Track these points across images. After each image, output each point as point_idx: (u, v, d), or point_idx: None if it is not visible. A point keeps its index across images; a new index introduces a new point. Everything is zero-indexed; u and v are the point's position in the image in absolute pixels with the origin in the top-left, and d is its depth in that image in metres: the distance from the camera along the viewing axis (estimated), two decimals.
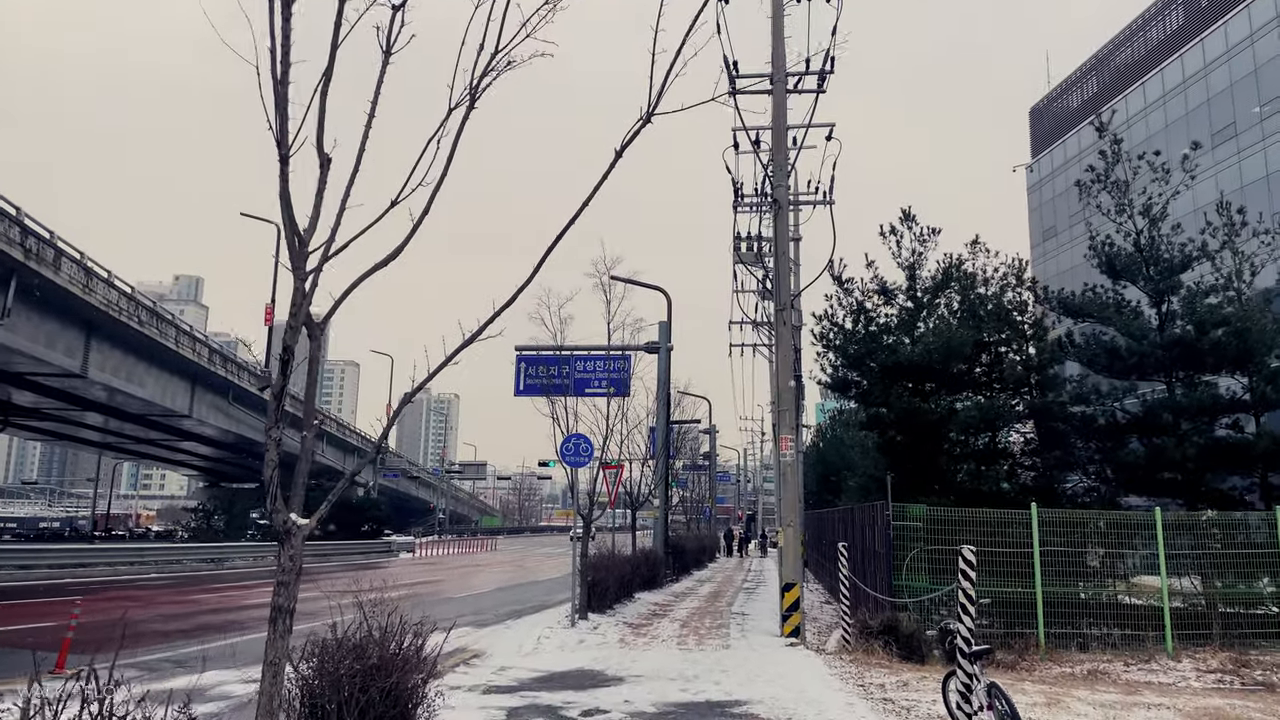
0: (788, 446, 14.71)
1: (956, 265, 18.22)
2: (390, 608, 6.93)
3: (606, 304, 16.18)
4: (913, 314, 18.44)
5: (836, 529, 23.22)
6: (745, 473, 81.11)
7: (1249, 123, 38.35)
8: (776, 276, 15.48)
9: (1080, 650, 14.41)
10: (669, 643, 13.75)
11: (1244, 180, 37.58)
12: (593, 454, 15.47)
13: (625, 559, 19.07)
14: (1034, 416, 17.07)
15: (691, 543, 32.76)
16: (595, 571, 16.54)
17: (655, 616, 17.32)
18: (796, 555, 14.50)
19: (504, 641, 14.14)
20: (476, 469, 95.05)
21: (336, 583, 26.07)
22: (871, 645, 11.77)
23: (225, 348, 47.65)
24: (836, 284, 18.46)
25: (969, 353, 16.24)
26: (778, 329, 15.25)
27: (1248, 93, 38.68)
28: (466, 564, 40.37)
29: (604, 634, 14.44)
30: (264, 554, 35.63)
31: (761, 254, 25.98)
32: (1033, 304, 17.75)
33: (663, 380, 25.66)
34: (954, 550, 14.71)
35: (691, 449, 50.76)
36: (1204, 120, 40.62)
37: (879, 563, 14.56)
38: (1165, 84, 44.01)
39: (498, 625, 16.43)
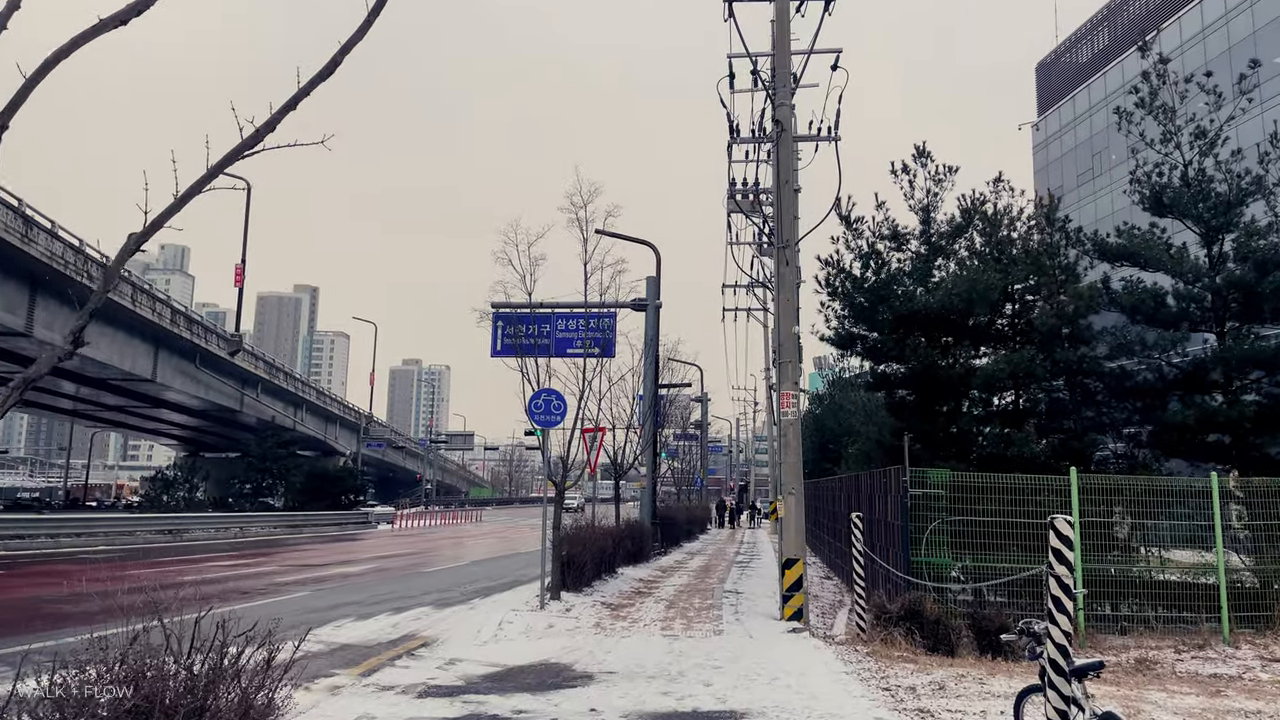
0: (789, 403, 12.77)
1: (978, 205, 16.21)
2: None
3: (583, 242, 14.17)
4: (927, 260, 16.45)
5: (837, 499, 21.37)
6: (737, 443, 79.43)
7: (1274, 72, 36.25)
8: (779, 210, 13.45)
9: (1120, 634, 12.63)
10: (652, 628, 11.88)
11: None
12: (566, 412, 13.54)
13: (606, 531, 17.20)
14: (1065, 373, 15.15)
15: (681, 514, 30.96)
16: (570, 546, 14.65)
17: (639, 595, 15.46)
18: (799, 528, 12.62)
19: (463, 626, 12.26)
20: (464, 439, 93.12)
21: (300, 556, 24.38)
22: (891, 634, 9.90)
23: (209, 318, 45.57)
24: (844, 224, 16.45)
25: (995, 299, 14.28)
26: (779, 271, 13.26)
27: (1272, 40, 36.55)
28: (446, 536, 38.58)
29: (577, 617, 12.56)
30: (227, 525, 33.77)
31: (759, 201, 23.92)
32: (1063, 248, 15.76)
33: (651, 339, 23.69)
34: (981, 522, 12.92)
35: (682, 417, 48.93)
36: (1224, 69, 38.46)
37: (893, 536, 12.69)
38: (1183, 33, 41.80)
39: (461, 605, 14.56)
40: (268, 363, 50.66)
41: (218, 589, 16.23)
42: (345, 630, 11.88)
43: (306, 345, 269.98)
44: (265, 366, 49.70)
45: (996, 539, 12.33)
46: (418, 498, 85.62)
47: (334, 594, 16.01)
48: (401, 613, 13.64)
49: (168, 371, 39.45)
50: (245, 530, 33.85)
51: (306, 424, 58.85)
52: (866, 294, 15.79)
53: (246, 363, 46.10)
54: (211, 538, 30.69)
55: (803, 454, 32.28)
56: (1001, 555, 12.42)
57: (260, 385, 49.19)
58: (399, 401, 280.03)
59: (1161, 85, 15.52)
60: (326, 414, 64.01)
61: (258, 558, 23.76)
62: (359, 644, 10.88)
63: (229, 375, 45.62)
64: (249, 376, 47.57)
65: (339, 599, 15.31)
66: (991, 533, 12.30)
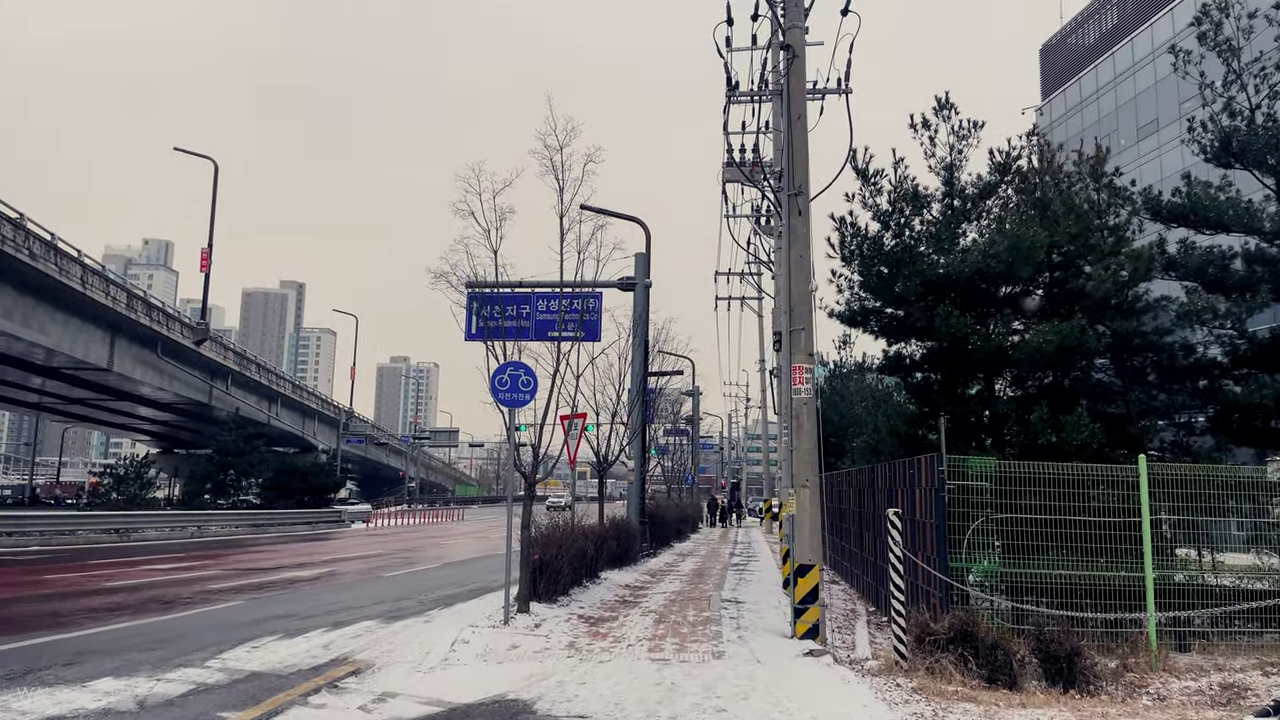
0: (802, 378, 10.69)
1: (1012, 159, 14.16)
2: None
3: (559, 191, 12.03)
4: (953, 223, 14.37)
5: (844, 495, 19.32)
6: (729, 440, 77.40)
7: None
8: (789, 152, 11.36)
9: (1180, 650, 10.59)
10: (637, 649, 9.78)
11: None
12: (536, 389, 11.40)
13: (587, 531, 15.09)
14: (1113, 349, 13.12)
15: (672, 512, 28.88)
16: (543, 549, 12.53)
17: (623, 606, 13.35)
18: (815, 528, 10.54)
19: (409, 646, 10.14)
20: (449, 436, 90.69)
21: (252, 558, 22.17)
22: (938, 661, 7.83)
23: (194, 314, 43.15)
24: (860, 179, 14.35)
25: (1041, 259, 12.21)
26: (789, 223, 11.17)
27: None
28: (423, 535, 36.38)
29: (548, 635, 10.44)
30: (184, 524, 31.46)
31: (760, 169, 21.82)
32: (1112, 208, 13.72)
33: (640, 319, 21.58)
34: (1034, 520, 10.88)
35: (672, 411, 46.84)
36: None
37: (926, 537, 10.63)
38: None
39: (415, 618, 12.43)
40: (238, 353, 48.33)
41: (135, 598, 14.05)
42: (262, 652, 9.73)
43: (293, 342, 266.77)
44: (235, 357, 47.38)
45: (1047, 539, 10.31)
46: (402, 496, 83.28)
47: (271, 604, 13.85)
48: (341, 628, 11.50)
49: (126, 361, 37.10)
50: (204, 529, 31.58)
51: (282, 419, 56.53)
52: (886, 260, 13.70)
53: (214, 353, 43.77)
54: (165, 538, 28.42)
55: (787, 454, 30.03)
56: (1047, 559, 10.40)
57: (230, 377, 46.86)
58: (386, 399, 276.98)
59: (1224, 18, 13.49)
60: (304, 409, 61.69)
61: (204, 560, 21.54)
62: (273, 671, 8.75)
63: (196, 366, 43.30)
64: (218, 368, 45.24)
65: (274, 610, 13.15)
66: (1043, 533, 10.27)
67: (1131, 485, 10.42)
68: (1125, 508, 10.43)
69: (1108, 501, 10.54)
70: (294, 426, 59.70)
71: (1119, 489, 10.59)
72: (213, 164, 42.87)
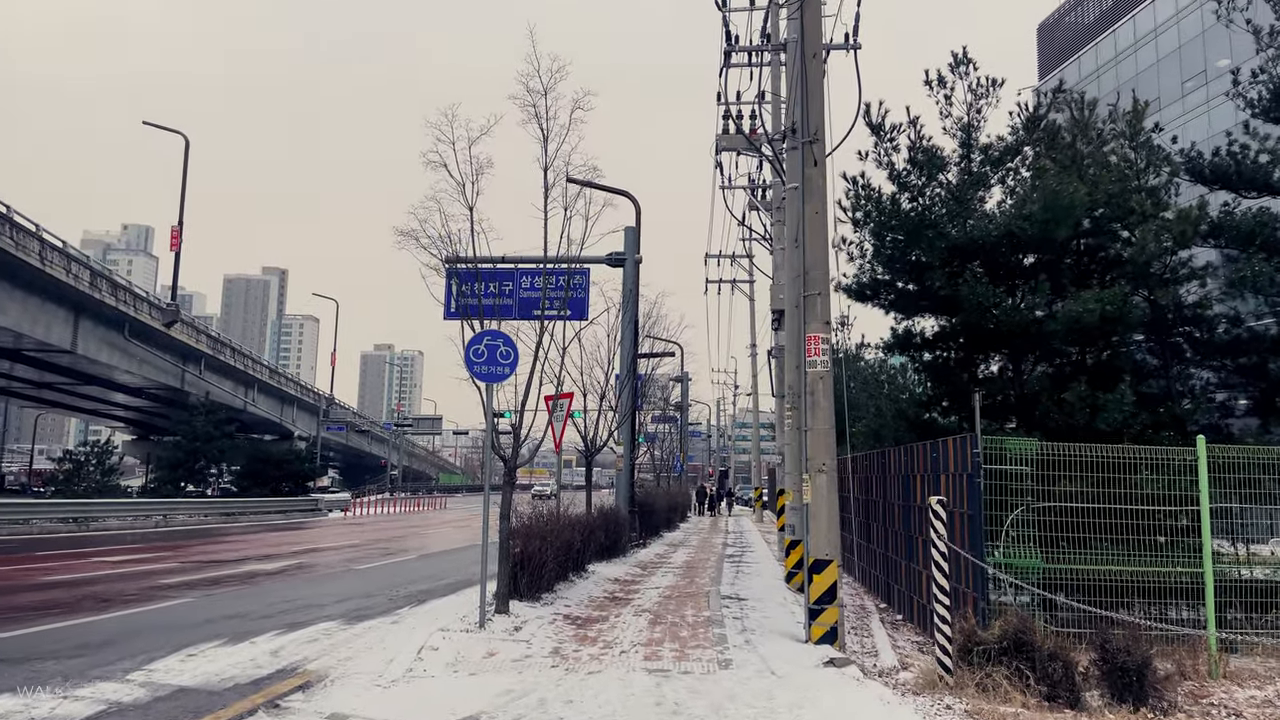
0: (819, 349, 9.44)
1: (1040, 115, 12.95)
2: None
3: (543, 139, 10.67)
4: (973, 185, 13.15)
5: (846, 483, 18.04)
6: (718, 429, 76.28)
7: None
8: (803, 95, 10.05)
9: (1228, 650, 9.45)
10: (632, 656, 8.53)
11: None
12: (516, 362, 10.10)
13: (573, 521, 13.83)
14: (1154, 322, 11.96)
15: (662, 500, 27.66)
16: (525, 541, 11.27)
17: (613, 603, 12.11)
18: (833, 517, 9.30)
19: (370, 653, 8.86)
20: (432, 423, 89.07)
21: (215, 549, 20.76)
22: (990, 675, 6.62)
23: (168, 298, 41.48)
24: (874, 135, 13.09)
25: (1079, 219, 11.00)
26: (804, 174, 9.88)
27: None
28: (403, 525, 35.05)
29: (529, 639, 9.19)
30: (149, 513, 29.98)
31: (763, 138, 20.51)
32: (1151, 168, 12.54)
33: (630, 295, 20.28)
34: (1080, 509, 9.69)
35: (662, 398, 45.57)
36: None
37: (956, 529, 9.43)
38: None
39: (382, 618, 11.15)
40: (211, 337, 46.68)
41: (71, 595, 12.70)
42: (198, 661, 8.43)
43: (275, 329, 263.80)
44: (208, 341, 45.72)
45: (1094, 531, 9.14)
46: (384, 484, 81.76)
47: (223, 601, 12.53)
48: (296, 630, 10.20)
49: (91, 342, 35.46)
50: (169, 518, 30.09)
51: (259, 405, 54.89)
52: (903, 224, 12.46)
53: (185, 335, 42.13)
54: (126, 527, 26.95)
55: (785, 439, 29.09)
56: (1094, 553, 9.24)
57: (204, 361, 45.21)
58: (370, 387, 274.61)
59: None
60: (282, 395, 60.06)
61: (162, 551, 20.15)
62: (205, 686, 7.45)
63: (166, 349, 41.64)
64: (190, 351, 43.59)
65: (225, 609, 11.83)
66: (1090, 523, 9.10)
67: (1186, 470, 9.26)
68: (1178, 495, 9.29)
69: (1157, 488, 9.39)
70: (272, 413, 58.08)
71: (1169, 474, 9.43)
72: (184, 139, 41.19)
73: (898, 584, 12.82)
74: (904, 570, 12.39)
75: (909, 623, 11.79)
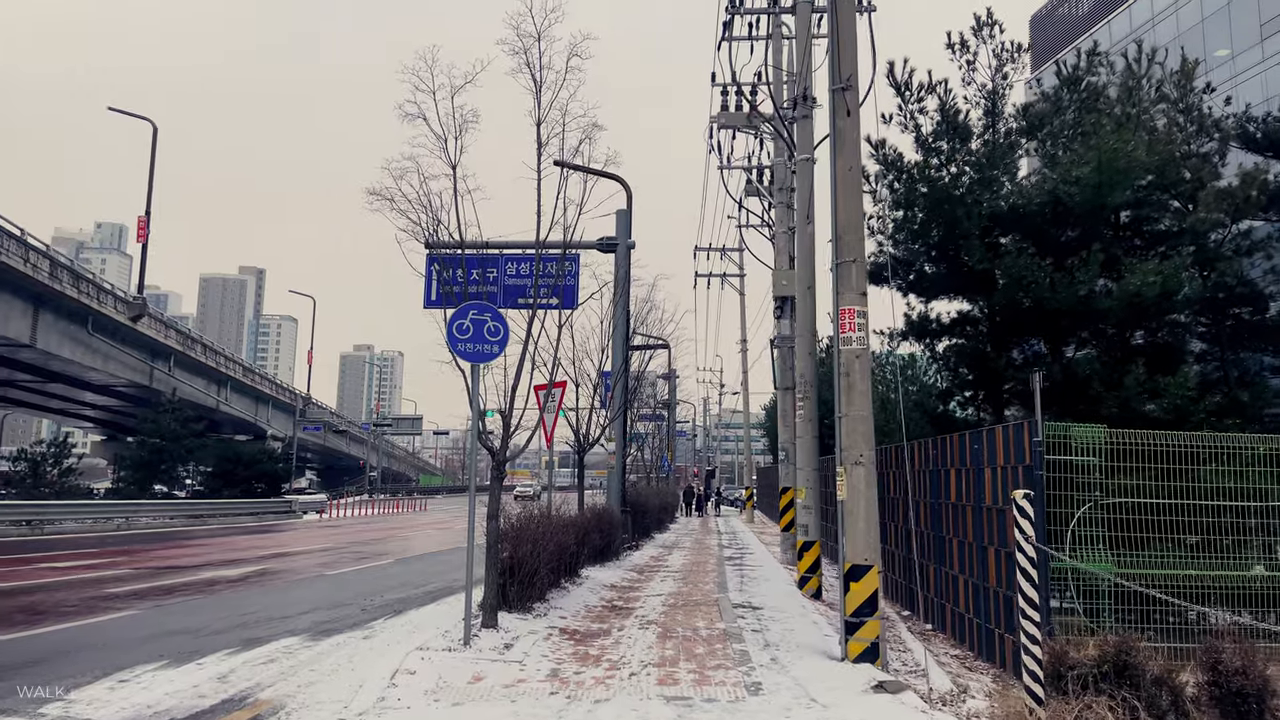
0: (854, 324, 8.24)
1: (1079, 75, 11.84)
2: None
3: (535, 90, 9.37)
4: (1003, 155, 12.03)
5: None
6: (704, 429, 75.14)
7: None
8: (834, 34, 8.84)
9: None
10: (644, 680, 7.28)
11: None
12: (506, 339, 8.84)
13: (567, 522, 12.56)
14: (1209, 300, 10.85)
15: (654, 500, 26.40)
16: (515, 544, 9.99)
17: (613, 613, 10.85)
18: (871, 517, 8.10)
19: (339, 675, 7.57)
20: (412, 423, 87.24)
21: (176, 554, 19.24)
22: (1091, 707, 5.41)
23: (151, 300, 39.76)
24: (899, 96, 11.94)
25: (1136, 182, 9.87)
26: (834, 125, 8.68)
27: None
28: (382, 527, 33.59)
29: (522, 659, 7.92)
30: (110, 515, 28.37)
31: (760, 118, 19.34)
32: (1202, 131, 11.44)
33: (622, 282, 19.03)
34: (1154, 505, 8.49)
35: (653, 397, 44.30)
36: (1251, 10, 34.83)
37: (1008, 529, 8.26)
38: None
39: (353, 633, 9.85)
40: (181, 332, 44.97)
41: (3, 606, 11.28)
42: (130, 689, 7.11)
43: (253, 329, 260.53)
44: (178, 337, 44.02)
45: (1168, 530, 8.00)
46: (363, 485, 79.97)
47: (174, 613, 11.17)
48: (253, 648, 8.88)
49: (52, 337, 33.77)
50: (132, 521, 28.49)
51: (233, 404, 53.20)
52: (932, 192, 11.30)
53: (153, 331, 40.44)
54: (85, 530, 25.37)
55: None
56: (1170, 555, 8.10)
57: (173, 358, 43.52)
58: (349, 388, 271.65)
59: None
60: (256, 394, 58.34)
61: (118, 556, 18.67)
62: None
63: (134, 345, 39.94)
64: (159, 348, 41.91)
65: (175, 622, 10.48)
66: (1163, 521, 7.96)
67: (1262, 459, 8.15)
68: (1258, 489, 8.18)
69: (1227, 481, 8.27)
70: (246, 412, 56.35)
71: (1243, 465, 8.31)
72: (151, 125, 39.54)
73: (924, 590, 11.65)
74: (932, 574, 11.23)
75: (940, 632, 10.63)
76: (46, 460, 31.71)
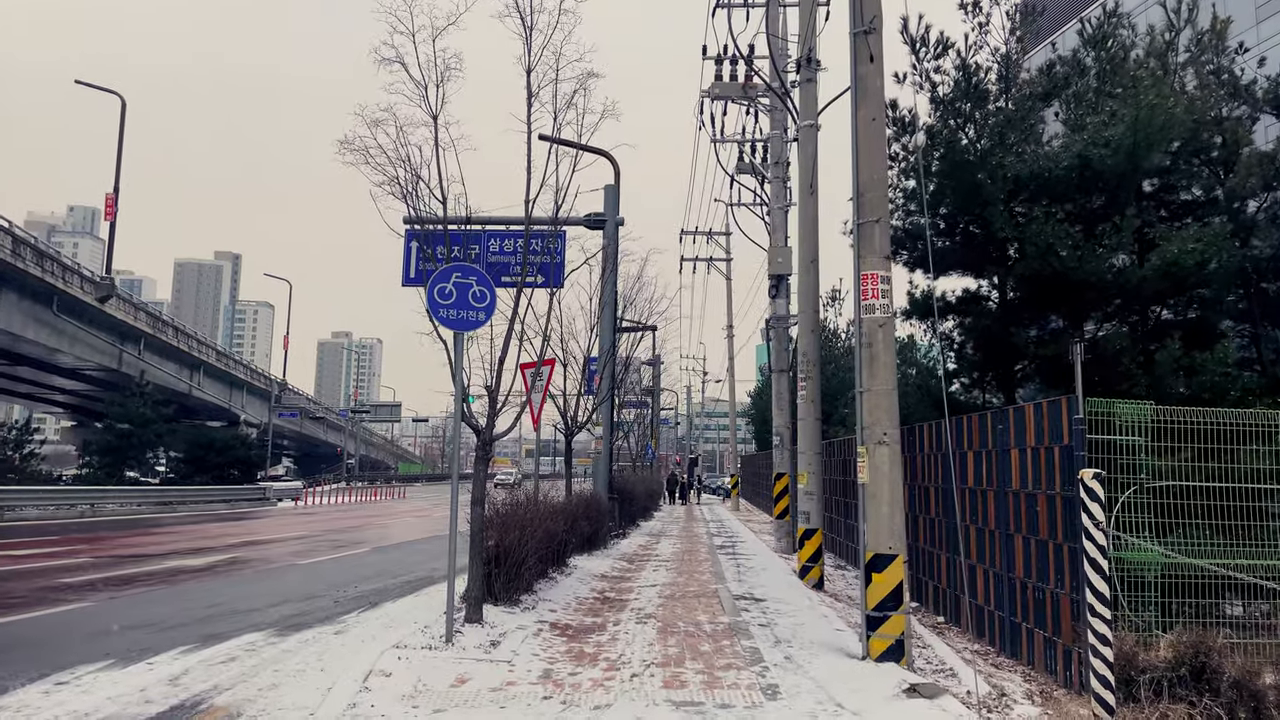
0: (877, 290, 7.51)
1: (1105, 33, 11.14)
2: None
3: (525, 34, 8.51)
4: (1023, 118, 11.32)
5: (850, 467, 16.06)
6: (687, 417, 74.49)
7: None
8: None
9: None
10: (647, 681, 6.54)
11: None
12: (493, 307, 8.04)
13: (555, 509, 11.79)
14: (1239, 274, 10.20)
15: (640, 486, 25.68)
16: (501, 532, 9.21)
17: (607, 606, 10.10)
18: (895, 501, 7.39)
19: (305, 677, 6.77)
20: (391, 410, 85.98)
21: (141, 542, 18.29)
22: (1167, 716, 4.71)
23: (124, 286, 38.33)
24: (912, 53, 11.19)
25: (1173, 142, 9.19)
26: (855, 72, 7.91)
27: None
28: (358, 515, 32.68)
29: (511, 659, 7.15)
30: (74, 501, 27.30)
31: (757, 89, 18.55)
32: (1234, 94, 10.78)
33: (611, 258, 18.21)
34: (1212, 488, 7.73)
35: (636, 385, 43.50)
36: None
37: (1039, 517, 7.59)
38: None
39: (323, 627, 9.04)
40: (151, 314, 43.68)
41: None
42: (68, 692, 6.28)
43: (228, 315, 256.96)
44: (148, 319, 42.73)
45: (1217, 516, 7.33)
46: (340, 473, 78.75)
47: (131, 605, 10.31)
48: (212, 645, 8.06)
49: (15, 317, 32.49)
50: (97, 507, 27.41)
51: (205, 389, 51.91)
52: (950, 154, 10.57)
53: (122, 312, 39.16)
54: (47, 517, 24.31)
55: (755, 426, 26.12)
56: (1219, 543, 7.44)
57: (143, 341, 42.22)
58: (327, 375, 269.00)
59: None
60: (231, 379, 57.02)
61: (79, 544, 17.71)
62: None
63: (102, 327, 38.64)
64: (129, 330, 40.60)
65: (130, 615, 9.63)
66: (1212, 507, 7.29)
67: None
68: None
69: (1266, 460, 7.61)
70: (219, 398, 55.06)
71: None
72: (120, 99, 38.15)
73: (934, 580, 10.99)
74: (944, 564, 10.56)
75: (953, 625, 9.98)
76: (8, 444, 30.51)
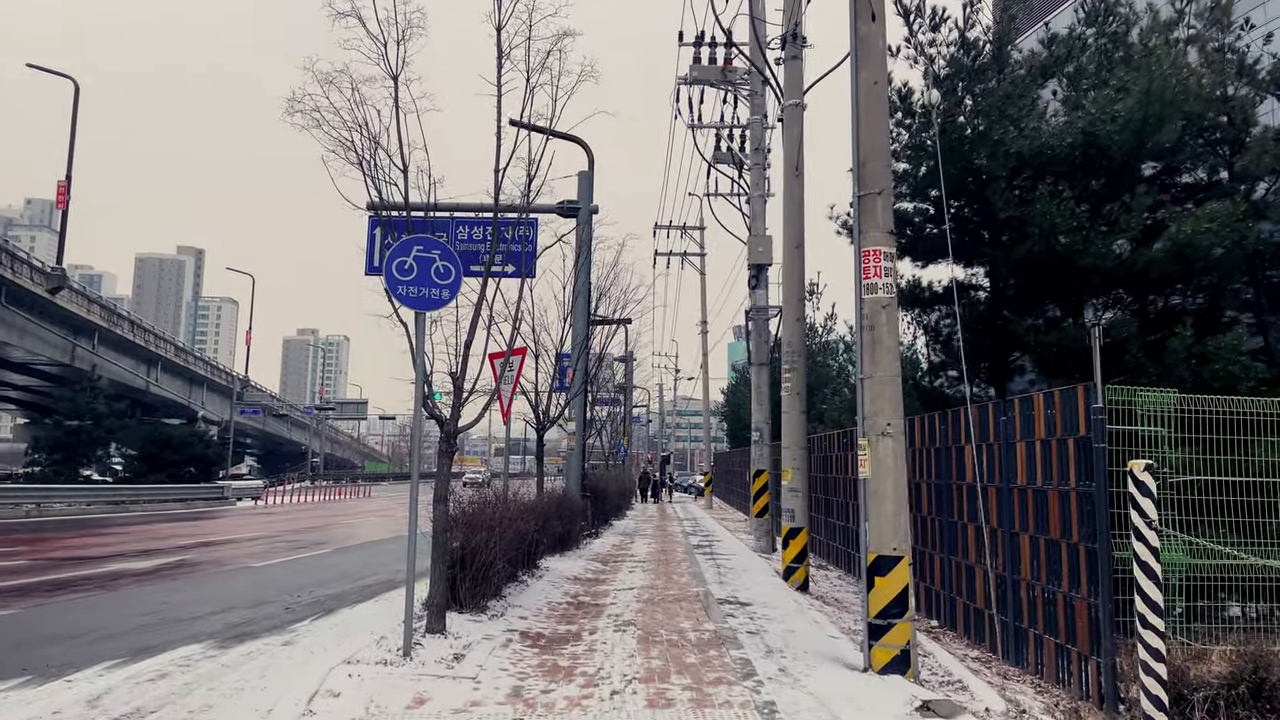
0: (879, 268, 6.90)
1: (1111, 5, 10.63)
2: None
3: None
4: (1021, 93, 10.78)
5: (840, 462, 15.50)
6: (660, 415, 73.92)
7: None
8: None
9: None
10: (629, 700, 5.85)
11: None
12: (458, 283, 7.31)
13: (525, 508, 11.05)
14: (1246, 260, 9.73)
15: (614, 484, 24.97)
16: (467, 532, 8.48)
17: (581, 612, 9.39)
18: (899, 497, 6.76)
19: (243, 696, 6.00)
20: (357, 408, 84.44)
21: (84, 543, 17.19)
22: None
23: (83, 280, 36.83)
24: (906, 25, 10.60)
25: (1187, 115, 8.67)
26: (855, 29, 7.28)
27: None
28: (320, 514, 31.65)
29: (476, 674, 6.42)
30: (18, 500, 25.93)
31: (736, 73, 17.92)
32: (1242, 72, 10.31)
33: (584, 245, 17.48)
34: (1231, 482, 7.15)
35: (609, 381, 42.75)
36: None
37: (1052, 514, 7.01)
38: None
39: (271, 637, 8.23)
40: (106, 308, 42.24)
41: None
42: None
43: (191, 311, 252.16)
44: (103, 312, 41.31)
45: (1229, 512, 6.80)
46: (305, 471, 77.16)
47: (61, 613, 9.43)
48: (144, 658, 7.24)
49: None
50: (44, 507, 26.19)
51: (164, 385, 50.44)
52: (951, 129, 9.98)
53: (74, 304, 37.77)
54: None
55: (730, 424, 25.49)
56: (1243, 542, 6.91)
57: (98, 334, 40.82)
58: (293, 373, 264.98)
59: None
60: (190, 375, 55.54)
61: (18, 546, 16.66)
62: None
63: (53, 319, 37.25)
64: (82, 323, 39.20)
65: (57, 624, 8.76)
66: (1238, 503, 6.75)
67: None
68: None
69: None
70: (178, 394, 53.58)
71: None
72: (73, 84, 36.74)
73: (926, 581, 10.41)
74: (938, 564, 9.99)
75: (949, 630, 9.42)
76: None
